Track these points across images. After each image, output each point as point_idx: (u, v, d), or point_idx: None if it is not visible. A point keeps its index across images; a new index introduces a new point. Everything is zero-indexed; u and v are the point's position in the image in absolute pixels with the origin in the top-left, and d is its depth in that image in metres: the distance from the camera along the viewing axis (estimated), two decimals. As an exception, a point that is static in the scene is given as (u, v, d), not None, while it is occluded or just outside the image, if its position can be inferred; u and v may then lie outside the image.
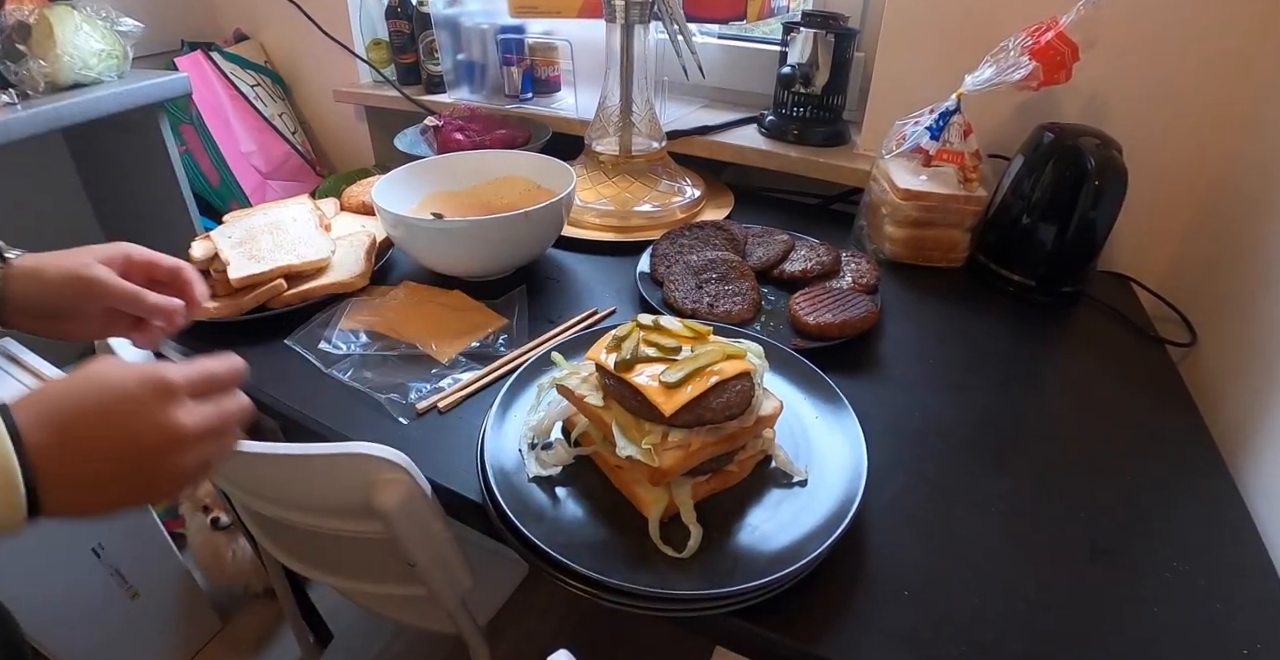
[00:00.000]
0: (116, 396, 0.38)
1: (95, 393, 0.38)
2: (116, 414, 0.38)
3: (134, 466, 0.38)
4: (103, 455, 0.38)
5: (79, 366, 0.40)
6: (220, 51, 1.45)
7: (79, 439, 0.37)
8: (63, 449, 0.37)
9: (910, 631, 0.47)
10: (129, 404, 0.38)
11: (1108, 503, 0.58)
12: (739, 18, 0.98)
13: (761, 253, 0.85)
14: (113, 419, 0.38)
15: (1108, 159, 0.78)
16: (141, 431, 0.38)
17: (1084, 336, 0.81)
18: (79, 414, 0.38)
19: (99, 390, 0.38)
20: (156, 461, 0.39)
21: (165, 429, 0.38)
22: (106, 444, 0.38)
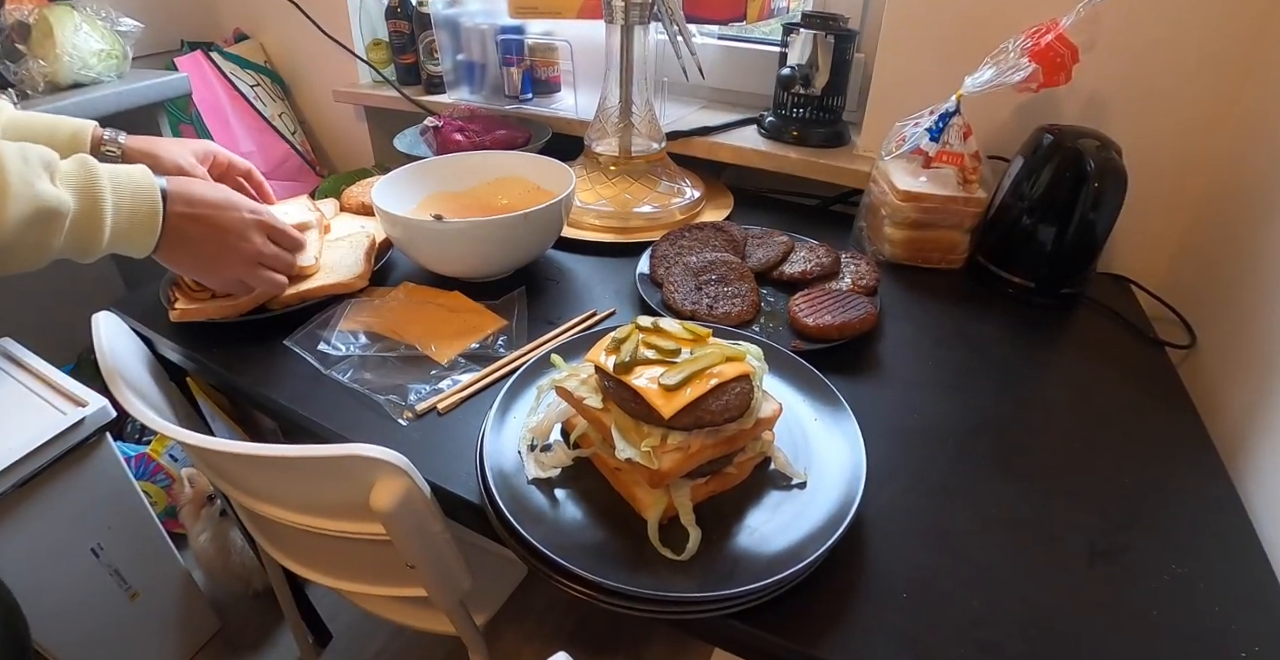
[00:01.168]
0: (232, 207, 0.68)
1: (223, 200, 0.68)
2: (225, 215, 0.67)
3: (220, 244, 0.68)
4: (205, 229, 0.66)
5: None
6: (220, 51, 1.45)
7: (199, 215, 0.65)
8: (187, 215, 0.65)
9: (910, 633, 0.47)
10: (236, 215, 0.68)
11: (1106, 504, 0.58)
12: (739, 19, 0.98)
13: (761, 254, 0.85)
14: (222, 215, 0.67)
15: (1107, 161, 0.78)
16: (233, 231, 0.68)
17: (1083, 338, 0.81)
18: (206, 204, 0.66)
19: (225, 200, 0.68)
20: (233, 248, 0.68)
21: (247, 239, 0.69)
22: (211, 224, 0.67)
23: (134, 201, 0.61)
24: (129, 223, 0.61)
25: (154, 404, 0.70)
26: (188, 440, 0.58)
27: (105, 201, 0.59)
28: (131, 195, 0.61)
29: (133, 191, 0.61)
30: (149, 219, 0.62)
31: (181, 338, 0.76)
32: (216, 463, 0.66)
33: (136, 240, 0.62)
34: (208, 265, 0.69)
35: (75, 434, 0.91)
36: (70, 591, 1.00)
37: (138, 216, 0.61)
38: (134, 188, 0.61)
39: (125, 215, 0.60)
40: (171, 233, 0.63)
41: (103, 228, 0.59)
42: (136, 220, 0.61)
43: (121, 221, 0.60)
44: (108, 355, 0.68)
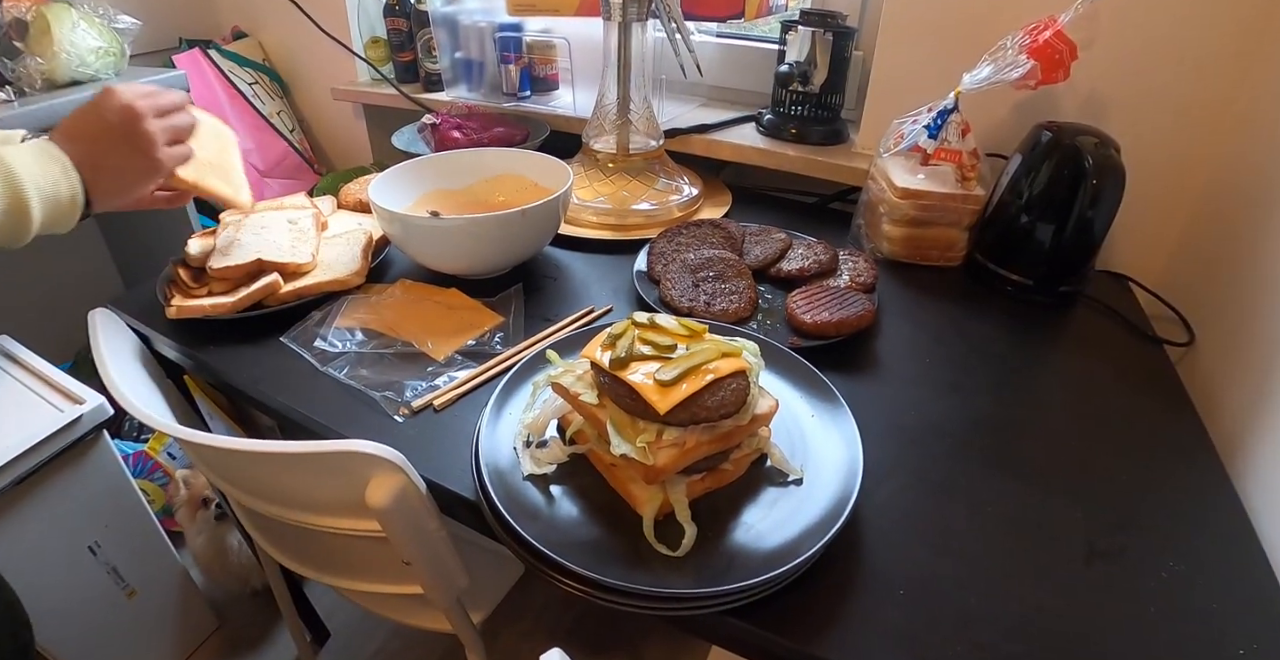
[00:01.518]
0: (114, 116, 0.63)
1: (100, 117, 0.64)
2: (114, 125, 0.63)
3: (127, 146, 0.64)
4: (108, 146, 0.64)
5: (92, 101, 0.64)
6: (218, 49, 1.44)
7: (94, 143, 0.63)
8: (90, 153, 0.63)
9: (906, 631, 0.47)
10: (119, 119, 0.64)
11: (1104, 502, 0.57)
12: (737, 16, 0.98)
13: (759, 251, 0.85)
14: (112, 129, 0.64)
15: (1106, 158, 0.78)
16: (126, 133, 0.64)
17: (1081, 336, 0.80)
18: (95, 130, 0.64)
19: (102, 114, 0.64)
20: (135, 138, 0.64)
21: (141, 131, 0.65)
22: (109, 139, 0.64)
23: (52, 187, 0.60)
24: (54, 208, 0.60)
25: (151, 401, 0.70)
26: (185, 437, 0.58)
27: (28, 195, 0.58)
28: (51, 183, 0.60)
29: (41, 178, 0.59)
30: (70, 201, 0.61)
31: (178, 335, 0.76)
32: (214, 460, 0.66)
33: (66, 219, 0.62)
34: (135, 162, 0.66)
35: (72, 431, 0.91)
36: (68, 589, 1.00)
37: (60, 199, 0.61)
38: (42, 174, 0.59)
39: (50, 203, 0.60)
40: (89, 174, 0.62)
41: (30, 222, 0.59)
42: (60, 207, 0.61)
43: (48, 210, 0.60)
44: (104, 353, 0.68)
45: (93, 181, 0.62)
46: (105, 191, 0.63)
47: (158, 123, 0.65)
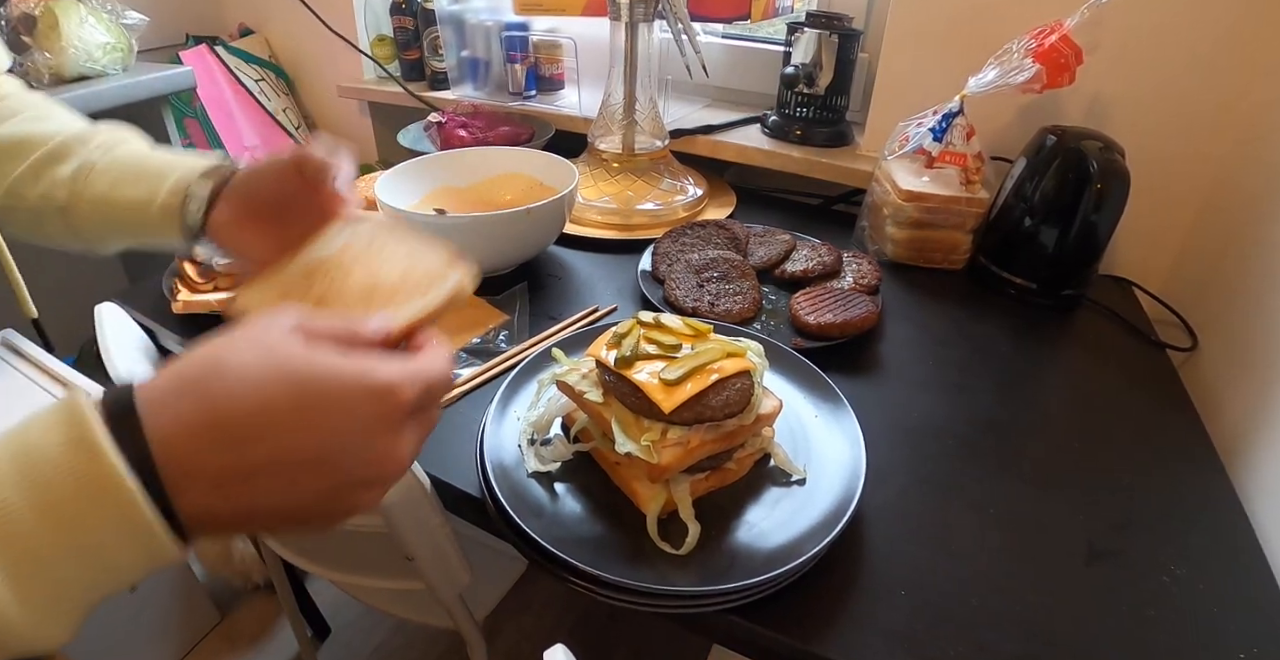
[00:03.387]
0: (341, 412, 0.29)
1: (304, 401, 0.28)
2: (337, 432, 0.29)
3: (334, 490, 0.30)
4: (291, 469, 0.29)
5: (236, 338, 0.30)
6: (225, 46, 1.45)
7: (254, 443, 0.28)
8: (233, 463, 0.28)
9: (907, 631, 0.47)
10: (355, 424, 0.29)
11: (1106, 505, 0.58)
12: (743, 17, 0.98)
13: (763, 252, 0.86)
14: (336, 435, 0.29)
15: (1110, 162, 0.78)
16: (368, 457, 0.30)
17: (1085, 340, 0.81)
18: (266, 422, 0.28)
19: (310, 399, 0.29)
20: (349, 494, 0.30)
21: (390, 457, 0.31)
22: (306, 455, 0.29)
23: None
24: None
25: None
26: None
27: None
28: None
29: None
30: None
31: (184, 330, 0.76)
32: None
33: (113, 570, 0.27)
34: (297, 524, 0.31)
35: (77, 425, 0.91)
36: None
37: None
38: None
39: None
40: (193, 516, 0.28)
41: None
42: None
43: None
44: (110, 346, 0.68)
45: (205, 510, 0.28)
46: (225, 522, 0.29)
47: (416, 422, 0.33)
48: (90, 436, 0.26)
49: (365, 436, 0.30)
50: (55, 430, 0.26)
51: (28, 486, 0.25)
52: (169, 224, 0.52)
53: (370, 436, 0.30)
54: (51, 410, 0.27)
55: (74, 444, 0.26)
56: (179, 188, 0.51)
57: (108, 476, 0.26)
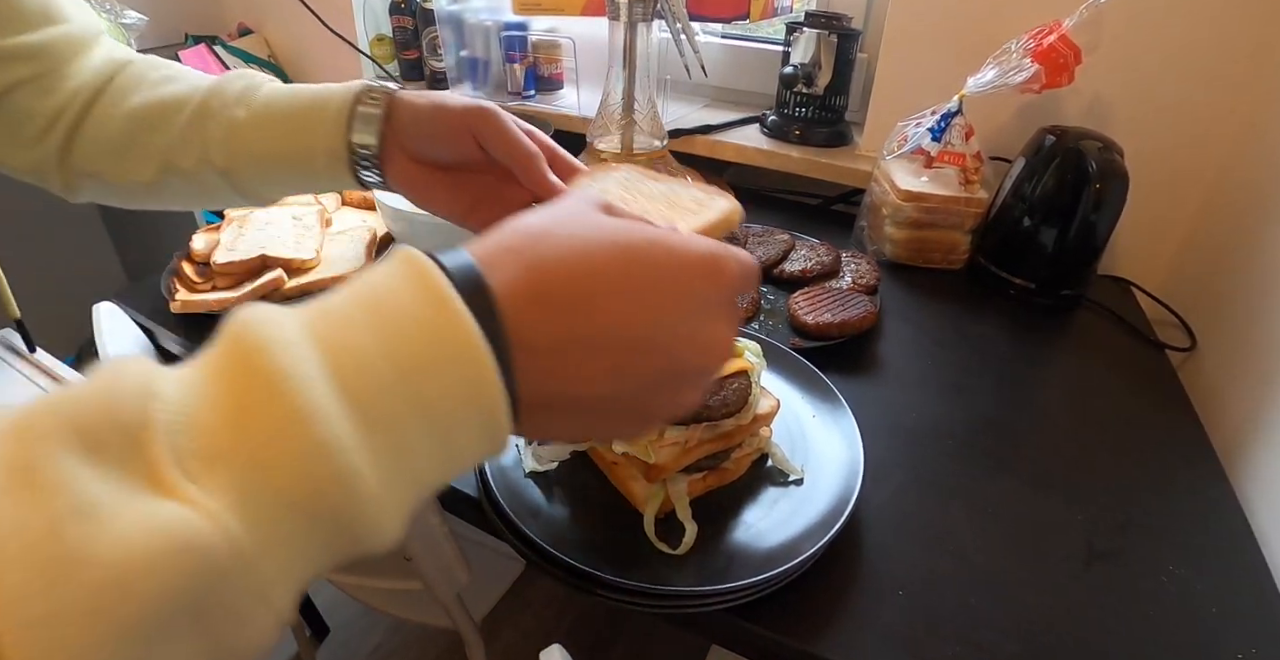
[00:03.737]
0: (673, 279, 0.27)
1: (637, 265, 0.26)
2: (671, 297, 0.26)
3: (659, 367, 0.27)
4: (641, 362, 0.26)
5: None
6: (224, 45, 1.45)
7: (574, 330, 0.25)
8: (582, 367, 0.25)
9: (905, 631, 0.47)
10: (677, 300, 0.27)
11: (1105, 506, 0.58)
12: (742, 17, 0.98)
13: (761, 252, 0.86)
14: (669, 301, 0.26)
15: (1109, 162, 0.78)
16: (683, 347, 0.27)
17: (1083, 340, 0.81)
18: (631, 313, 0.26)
19: (647, 263, 0.26)
20: (674, 386, 0.28)
21: (712, 338, 0.28)
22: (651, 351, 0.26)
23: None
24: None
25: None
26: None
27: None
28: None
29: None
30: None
31: (182, 329, 0.76)
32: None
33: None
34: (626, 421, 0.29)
35: (75, 425, 0.91)
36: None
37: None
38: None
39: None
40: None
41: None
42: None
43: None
44: (109, 346, 0.68)
45: (536, 392, 0.25)
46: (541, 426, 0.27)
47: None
48: (442, 292, 0.23)
49: (695, 316, 0.27)
50: (404, 284, 0.23)
51: (384, 336, 0.22)
52: (339, 175, 0.50)
53: (700, 316, 0.27)
54: (392, 265, 0.24)
55: (426, 298, 0.23)
56: (337, 136, 0.48)
57: (463, 336, 0.23)
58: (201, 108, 0.50)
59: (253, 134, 0.50)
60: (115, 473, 0.19)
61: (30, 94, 0.50)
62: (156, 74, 0.53)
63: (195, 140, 0.50)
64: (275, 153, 0.50)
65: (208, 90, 0.51)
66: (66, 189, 0.54)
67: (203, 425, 0.20)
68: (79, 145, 0.52)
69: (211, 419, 0.20)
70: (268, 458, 0.20)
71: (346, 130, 0.48)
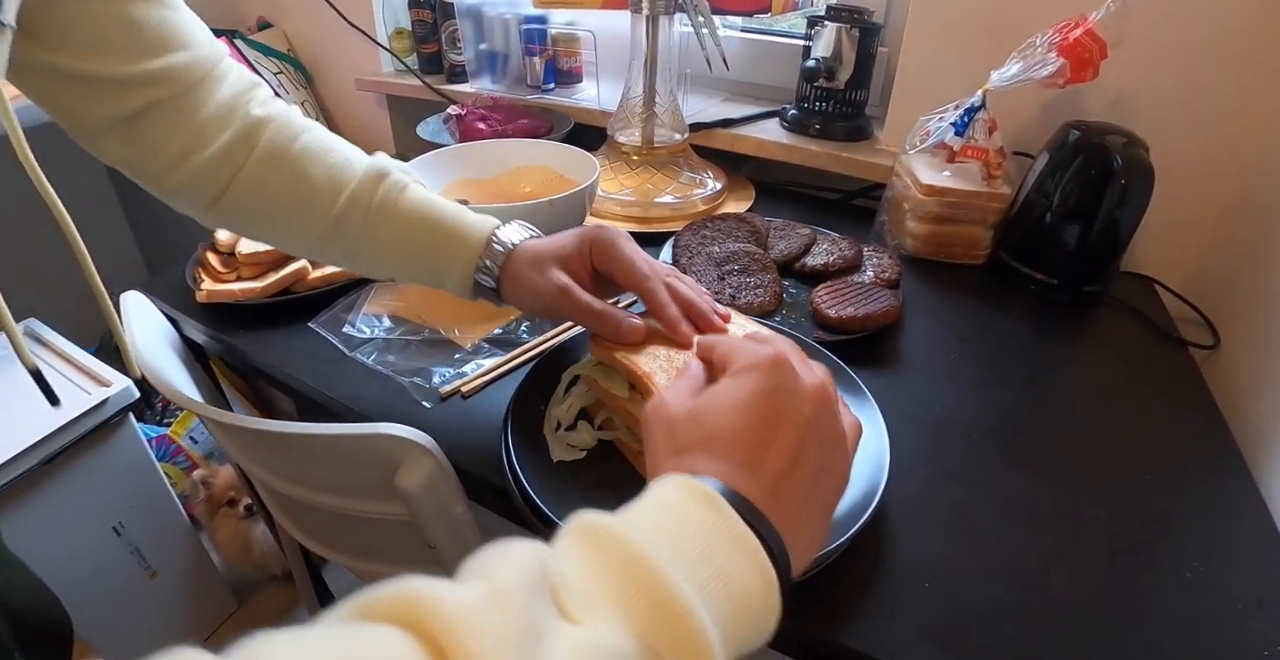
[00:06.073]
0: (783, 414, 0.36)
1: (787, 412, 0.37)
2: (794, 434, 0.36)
3: (818, 475, 0.37)
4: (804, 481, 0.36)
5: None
6: (244, 39, 1.45)
7: (782, 479, 0.35)
8: (776, 498, 0.35)
9: (930, 622, 0.47)
10: (797, 416, 0.37)
11: (1128, 502, 0.57)
12: (763, 10, 0.98)
13: (783, 246, 0.85)
14: (798, 443, 0.36)
15: (1134, 158, 0.77)
16: (820, 441, 0.37)
17: (1106, 336, 0.80)
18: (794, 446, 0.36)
19: (788, 405, 0.37)
20: (834, 466, 0.39)
21: (839, 434, 0.39)
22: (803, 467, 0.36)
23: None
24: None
25: (180, 384, 0.71)
26: (217, 418, 0.59)
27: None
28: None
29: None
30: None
31: (207, 319, 0.77)
32: (243, 441, 0.67)
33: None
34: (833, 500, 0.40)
35: (99, 413, 0.92)
36: (92, 568, 1.02)
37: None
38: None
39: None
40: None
41: None
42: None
43: None
44: (135, 335, 0.69)
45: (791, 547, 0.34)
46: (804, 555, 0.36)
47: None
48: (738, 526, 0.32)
49: (826, 432, 0.38)
50: (699, 509, 0.32)
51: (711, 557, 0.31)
52: (465, 296, 0.59)
53: (827, 430, 0.38)
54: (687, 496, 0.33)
55: (723, 524, 0.32)
56: (465, 281, 0.57)
57: (747, 539, 0.32)
58: (344, 217, 0.56)
59: (389, 260, 0.58)
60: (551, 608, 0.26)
61: (161, 121, 0.53)
62: (296, 148, 0.56)
63: (339, 244, 0.57)
64: (410, 276, 0.60)
65: (349, 200, 0.56)
66: (213, 223, 0.61)
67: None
68: (224, 199, 0.56)
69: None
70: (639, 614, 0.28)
71: (470, 286, 0.57)
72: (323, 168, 0.56)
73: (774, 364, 0.38)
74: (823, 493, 0.38)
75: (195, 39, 0.53)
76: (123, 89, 0.50)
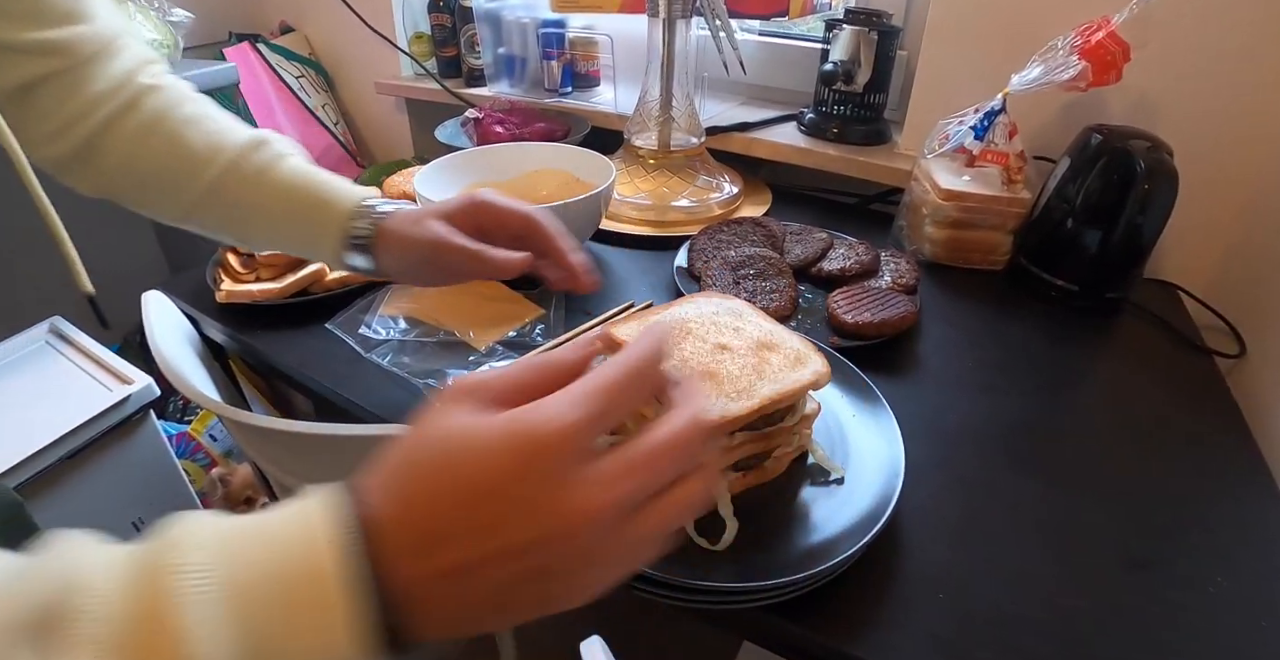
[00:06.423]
0: (480, 483, 0.26)
1: (451, 475, 0.27)
2: (482, 507, 0.26)
3: (520, 574, 0.26)
4: (474, 563, 0.26)
5: (425, 420, 0.29)
6: (266, 43, 1.47)
7: (441, 545, 0.26)
8: (420, 557, 0.26)
9: (941, 632, 0.46)
10: (497, 492, 0.26)
11: (1147, 513, 0.56)
12: (781, 13, 0.98)
13: (800, 250, 0.85)
14: (479, 513, 0.26)
15: (1158, 162, 0.76)
16: (519, 527, 0.26)
17: (1127, 344, 0.79)
18: (435, 514, 0.26)
19: (455, 471, 0.27)
20: (554, 565, 0.27)
21: (558, 515, 0.26)
22: (472, 543, 0.26)
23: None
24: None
25: (199, 382, 0.71)
26: (235, 417, 0.59)
27: None
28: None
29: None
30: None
31: (226, 319, 0.78)
32: (260, 440, 0.67)
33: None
34: (530, 609, 0.29)
35: (121, 410, 0.93)
36: (111, 565, 1.03)
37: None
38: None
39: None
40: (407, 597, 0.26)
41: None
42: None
43: None
44: (156, 333, 0.70)
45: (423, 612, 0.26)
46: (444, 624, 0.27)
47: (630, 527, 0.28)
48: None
49: (512, 490, 0.26)
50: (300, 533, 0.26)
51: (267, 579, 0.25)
52: (334, 262, 0.60)
53: (519, 488, 0.26)
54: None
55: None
56: (337, 243, 0.57)
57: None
58: (219, 181, 0.57)
59: (262, 225, 0.59)
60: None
61: (54, 90, 0.54)
62: (178, 114, 0.58)
63: (214, 210, 0.59)
64: (283, 245, 0.63)
65: (226, 164, 0.57)
66: (94, 192, 0.60)
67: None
68: (103, 161, 0.57)
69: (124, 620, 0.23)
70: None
71: (345, 252, 0.58)
72: (202, 133, 0.58)
73: (563, 437, 0.26)
74: (527, 601, 0.28)
75: (97, 12, 0.55)
76: (21, 57, 0.51)
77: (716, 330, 0.52)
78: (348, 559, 0.25)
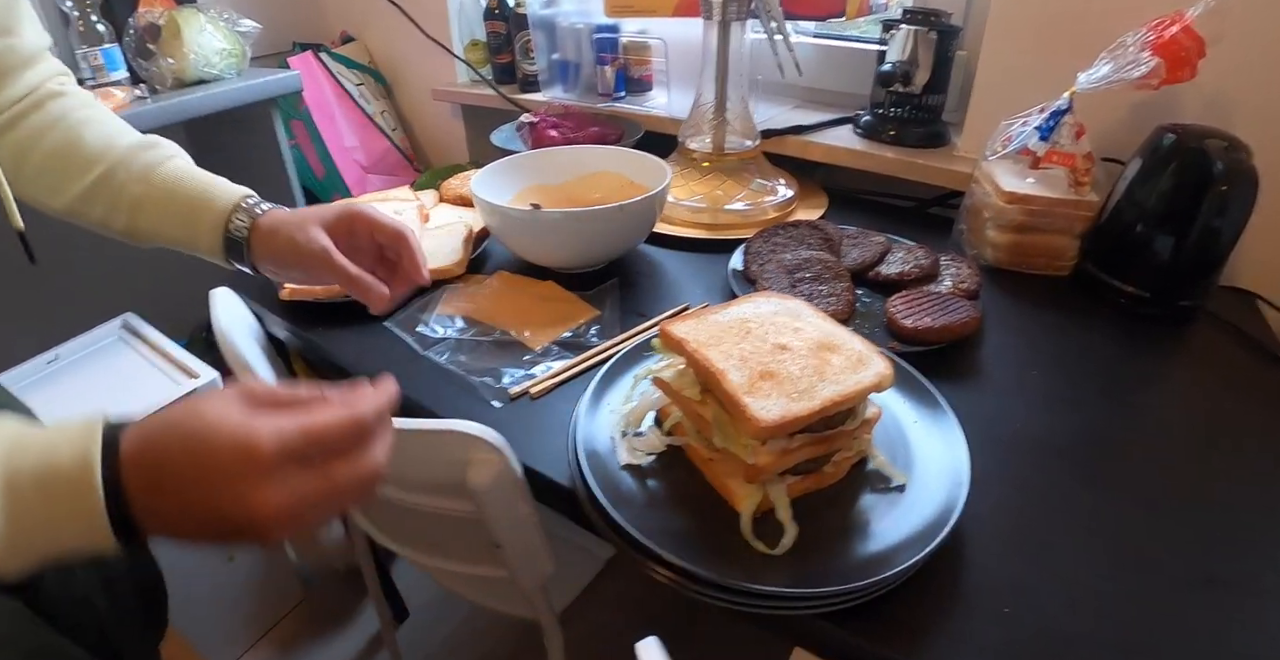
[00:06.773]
0: (206, 458, 0.35)
1: (189, 445, 0.36)
2: (202, 477, 0.35)
3: (217, 527, 0.36)
4: (185, 505, 0.36)
5: (192, 400, 0.38)
6: (328, 52, 1.52)
7: (165, 481, 0.36)
8: (151, 486, 0.36)
9: (1004, 650, 0.45)
10: (215, 472, 0.35)
11: (1221, 531, 0.54)
12: (838, 15, 0.97)
13: (857, 254, 0.84)
14: (201, 481, 0.36)
15: (1236, 163, 0.73)
16: (224, 502, 0.35)
17: (1201, 355, 0.76)
18: (169, 460, 0.36)
19: (192, 445, 0.36)
20: (238, 531, 0.36)
21: (245, 506, 0.35)
22: (191, 496, 0.36)
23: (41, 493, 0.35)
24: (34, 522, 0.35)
25: (263, 376, 0.73)
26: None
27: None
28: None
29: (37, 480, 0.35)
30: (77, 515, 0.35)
31: (290, 316, 0.80)
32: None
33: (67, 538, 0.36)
34: (220, 538, 0.37)
35: (188, 405, 0.97)
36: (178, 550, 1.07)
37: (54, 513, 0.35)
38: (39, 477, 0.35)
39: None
40: (139, 506, 0.36)
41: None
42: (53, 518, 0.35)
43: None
44: (224, 330, 0.72)
45: (142, 516, 0.36)
46: (157, 529, 0.37)
47: (289, 524, 0.36)
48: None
49: (219, 483, 0.35)
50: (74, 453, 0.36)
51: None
52: (215, 259, 0.65)
53: (224, 484, 0.35)
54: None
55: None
56: (215, 233, 0.62)
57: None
58: (108, 174, 0.62)
59: (146, 217, 0.63)
60: None
61: None
62: (77, 115, 0.64)
63: (100, 201, 0.62)
64: (165, 237, 0.64)
65: (116, 160, 0.62)
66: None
67: None
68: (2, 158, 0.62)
69: None
70: None
71: (223, 243, 0.62)
72: (96, 134, 0.63)
73: (248, 458, 0.35)
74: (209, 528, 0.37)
75: (22, 28, 0.61)
76: None
77: (775, 330, 0.51)
78: (99, 468, 0.35)
